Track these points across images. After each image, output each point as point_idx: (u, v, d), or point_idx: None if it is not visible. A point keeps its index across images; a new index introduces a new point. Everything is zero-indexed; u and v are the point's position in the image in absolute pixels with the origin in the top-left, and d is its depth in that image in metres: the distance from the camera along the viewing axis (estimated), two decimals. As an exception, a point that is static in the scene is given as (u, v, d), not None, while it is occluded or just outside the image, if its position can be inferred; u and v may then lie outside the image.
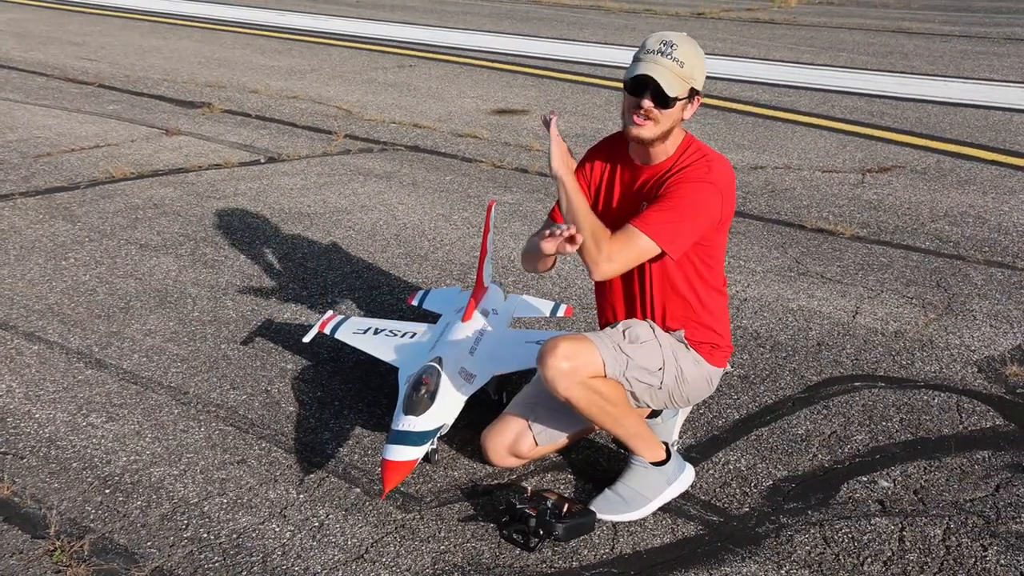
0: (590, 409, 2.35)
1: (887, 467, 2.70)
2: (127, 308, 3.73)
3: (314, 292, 3.94)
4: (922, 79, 9.05)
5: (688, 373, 2.51)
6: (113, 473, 2.62)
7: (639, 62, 2.31)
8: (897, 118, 7.45)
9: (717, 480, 2.63)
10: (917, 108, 7.77)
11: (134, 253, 4.33)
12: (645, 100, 2.30)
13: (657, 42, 2.31)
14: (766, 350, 3.44)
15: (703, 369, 2.55)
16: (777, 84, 8.87)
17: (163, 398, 3.04)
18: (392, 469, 2.31)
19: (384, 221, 4.87)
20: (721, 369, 2.63)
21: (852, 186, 5.61)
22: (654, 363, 2.44)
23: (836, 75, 9.36)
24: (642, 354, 2.42)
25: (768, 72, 9.47)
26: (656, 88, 2.28)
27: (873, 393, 3.13)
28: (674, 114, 2.33)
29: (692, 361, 2.53)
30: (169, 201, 5.12)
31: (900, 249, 4.53)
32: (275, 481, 2.59)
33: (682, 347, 2.52)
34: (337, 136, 6.71)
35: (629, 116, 2.35)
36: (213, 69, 9.41)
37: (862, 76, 9.28)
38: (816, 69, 9.71)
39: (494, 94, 8.40)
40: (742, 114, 7.60)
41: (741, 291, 3.98)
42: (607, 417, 2.39)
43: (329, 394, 3.08)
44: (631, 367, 2.39)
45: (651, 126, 2.32)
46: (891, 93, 8.38)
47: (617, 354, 2.37)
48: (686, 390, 2.53)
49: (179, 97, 8.01)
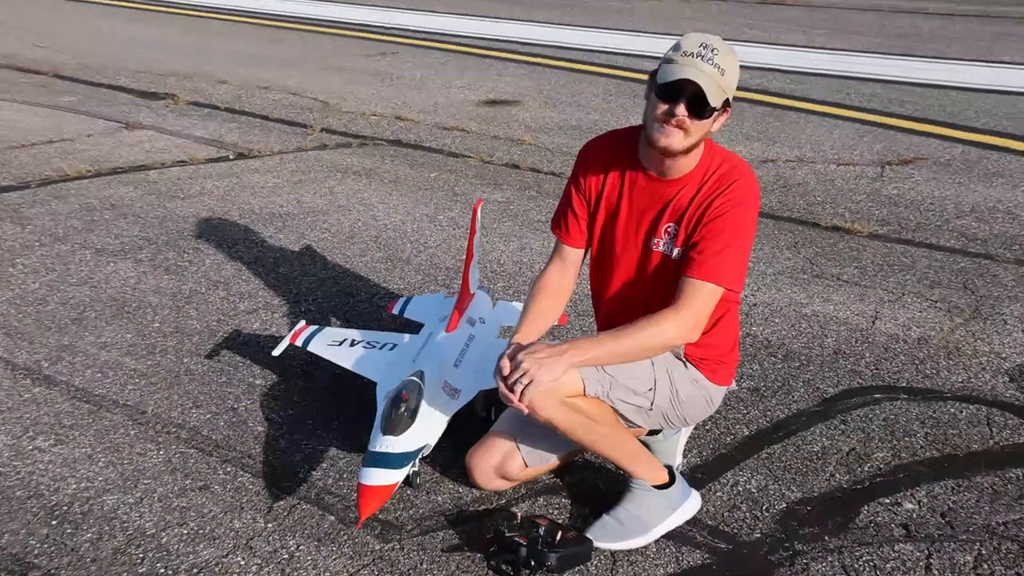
0: (574, 431, 2.31)
1: (911, 487, 2.66)
2: (80, 319, 3.68)
3: (286, 300, 3.90)
4: (945, 63, 9.07)
5: (684, 393, 2.47)
6: (61, 502, 2.57)
7: (675, 64, 2.19)
8: (918, 106, 7.45)
9: (725, 503, 2.59)
10: (940, 95, 7.78)
11: (89, 258, 4.29)
12: (679, 107, 2.20)
13: (696, 44, 2.19)
14: (778, 359, 3.41)
15: (702, 389, 2.51)
16: (788, 70, 8.87)
17: (118, 418, 2.99)
18: (369, 494, 2.28)
19: (363, 222, 4.84)
20: (725, 388, 2.59)
21: (870, 180, 5.59)
22: (642, 383, 2.39)
23: (852, 60, 9.37)
24: (628, 373, 2.36)
25: (778, 57, 9.47)
26: (696, 96, 2.18)
27: (895, 406, 3.10)
28: (706, 125, 2.25)
29: (689, 380, 2.48)
30: (128, 201, 5.08)
31: (923, 248, 4.51)
32: (241, 509, 2.55)
33: (680, 364, 2.48)
34: (312, 130, 6.68)
35: (658, 123, 2.24)
36: (178, 57, 9.38)
37: (880, 61, 9.29)
38: (830, 54, 9.72)
39: (483, 84, 8.38)
40: (751, 103, 7.59)
41: (750, 295, 3.95)
42: (596, 438, 2.35)
43: (301, 412, 3.04)
44: (615, 387, 2.34)
45: (681, 137, 2.23)
46: (912, 79, 8.39)
47: (599, 374, 2.31)
48: (682, 411, 2.49)
49: (141, 88, 7.96)
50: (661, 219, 2.39)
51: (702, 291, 2.29)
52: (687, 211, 2.35)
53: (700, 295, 2.29)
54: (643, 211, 2.42)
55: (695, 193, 2.34)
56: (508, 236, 4.63)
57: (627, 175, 2.43)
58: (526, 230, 4.73)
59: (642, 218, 2.42)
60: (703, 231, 2.31)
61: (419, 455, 2.45)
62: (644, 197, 2.41)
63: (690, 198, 2.35)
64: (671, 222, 2.38)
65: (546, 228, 4.56)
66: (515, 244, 4.54)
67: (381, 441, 2.36)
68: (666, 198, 2.38)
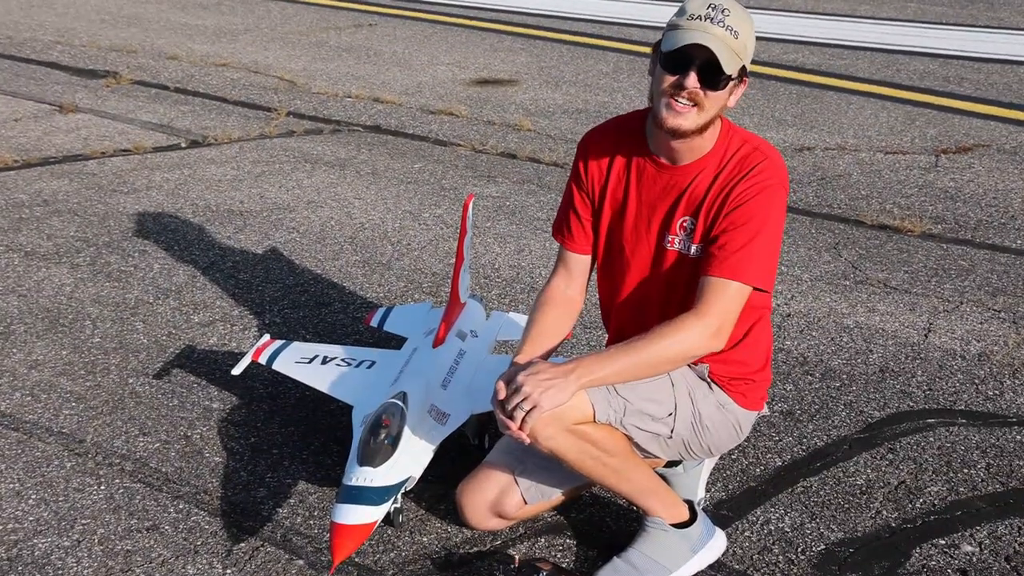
0: (582, 462, 2.32)
1: (971, 527, 2.68)
2: (7, 333, 3.70)
3: (247, 311, 3.92)
4: (1011, 35, 9.11)
5: (709, 419, 2.48)
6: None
7: (680, 30, 2.21)
8: (979, 84, 7.49)
9: (755, 544, 2.61)
10: (1005, 71, 7.82)
11: (17, 263, 4.31)
12: (690, 78, 2.21)
13: (703, 5, 2.21)
14: (815, 378, 3.43)
15: (730, 414, 2.53)
16: (828, 43, 8.91)
17: (52, 448, 3.00)
18: (344, 534, 2.28)
19: (336, 220, 4.86)
20: (755, 412, 2.61)
21: (923, 171, 5.62)
22: (661, 408, 2.41)
23: (902, 31, 9.42)
24: (645, 396, 2.37)
25: (817, 29, 9.53)
26: (707, 63, 2.19)
27: (952, 433, 3.12)
28: (721, 98, 2.26)
29: (715, 405, 2.50)
30: (63, 196, 5.10)
31: (984, 249, 4.54)
32: (195, 552, 2.56)
33: (704, 386, 2.49)
34: (278, 114, 6.70)
35: (666, 100, 2.25)
36: (120, 29, 9.41)
37: (935, 32, 9.35)
38: (877, 24, 9.78)
39: (474, 60, 8.42)
40: (784, 81, 7.63)
41: (784, 304, 3.98)
42: (606, 471, 2.37)
43: (265, 440, 3.06)
44: (629, 413, 2.35)
45: (694, 114, 2.25)
46: (972, 53, 8.43)
47: (611, 396, 2.33)
48: (707, 439, 2.51)
49: (77, 64, 7.99)
50: (675, 212, 2.41)
51: (726, 291, 2.29)
52: (704, 201, 2.36)
53: (724, 296, 2.29)
54: (654, 204, 2.44)
55: (713, 180, 2.36)
56: (504, 237, 4.65)
57: (633, 164, 2.45)
58: (524, 230, 4.76)
59: (653, 213, 2.44)
60: (724, 222, 2.33)
61: (401, 489, 2.45)
62: (654, 188, 2.43)
63: (707, 186, 2.36)
64: (687, 215, 2.39)
65: (547, 227, 4.59)
66: (512, 246, 4.57)
67: (358, 473, 2.37)
68: (680, 188, 2.40)
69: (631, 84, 7.65)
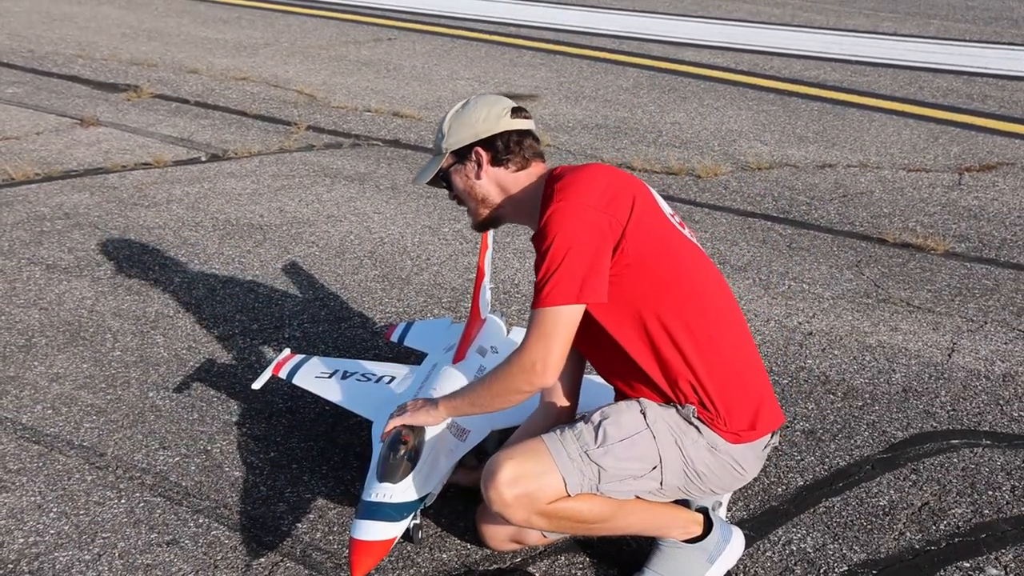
0: (570, 531, 2.38)
1: (996, 550, 2.67)
2: (28, 346, 3.73)
3: (267, 325, 3.94)
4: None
5: (703, 464, 2.34)
6: (7, 559, 2.60)
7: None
8: (1003, 102, 7.47)
9: (776, 565, 2.61)
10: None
11: (39, 276, 4.34)
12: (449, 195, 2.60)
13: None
14: (837, 398, 3.43)
15: (724, 455, 2.35)
16: (850, 60, 8.90)
17: (73, 461, 3.02)
18: (363, 550, 2.29)
19: (356, 235, 4.88)
20: (749, 444, 2.38)
21: (946, 188, 5.61)
22: (643, 464, 2.30)
23: (925, 48, 9.40)
24: (622, 456, 2.29)
25: (839, 45, 9.52)
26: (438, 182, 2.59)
27: (976, 454, 3.11)
28: (465, 187, 2.54)
29: (706, 448, 2.33)
30: (85, 210, 5.14)
31: (1009, 269, 4.52)
32: (215, 567, 2.57)
33: (692, 430, 2.33)
34: (297, 128, 6.74)
35: None
36: (141, 42, 9.49)
37: (959, 49, 9.32)
38: (900, 41, 9.76)
39: (494, 75, 8.45)
40: (805, 98, 7.62)
41: (804, 323, 3.97)
42: (600, 531, 2.40)
43: (285, 455, 3.07)
44: (606, 479, 2.28)
45: (467, 212, 2.61)
46: (996, 70, 8.41)
47: (583, 465, 2.27)
48: (706, 484, 2.39)
49: (98, 78, 8.06)
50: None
51: (542, 320, 2.26)
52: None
53: (537, 327, 2.26)
54: None
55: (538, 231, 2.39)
56: (524, 252, 4.66)
57: None
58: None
59: None
60: (536, 258, 2.35)
61: (421, 505, 2.47)
62: None
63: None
64: None
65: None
66: (532, 262, 4.56)
67: (377, 489, 2.38)
68: None
69: (651, 100, 7.66)
